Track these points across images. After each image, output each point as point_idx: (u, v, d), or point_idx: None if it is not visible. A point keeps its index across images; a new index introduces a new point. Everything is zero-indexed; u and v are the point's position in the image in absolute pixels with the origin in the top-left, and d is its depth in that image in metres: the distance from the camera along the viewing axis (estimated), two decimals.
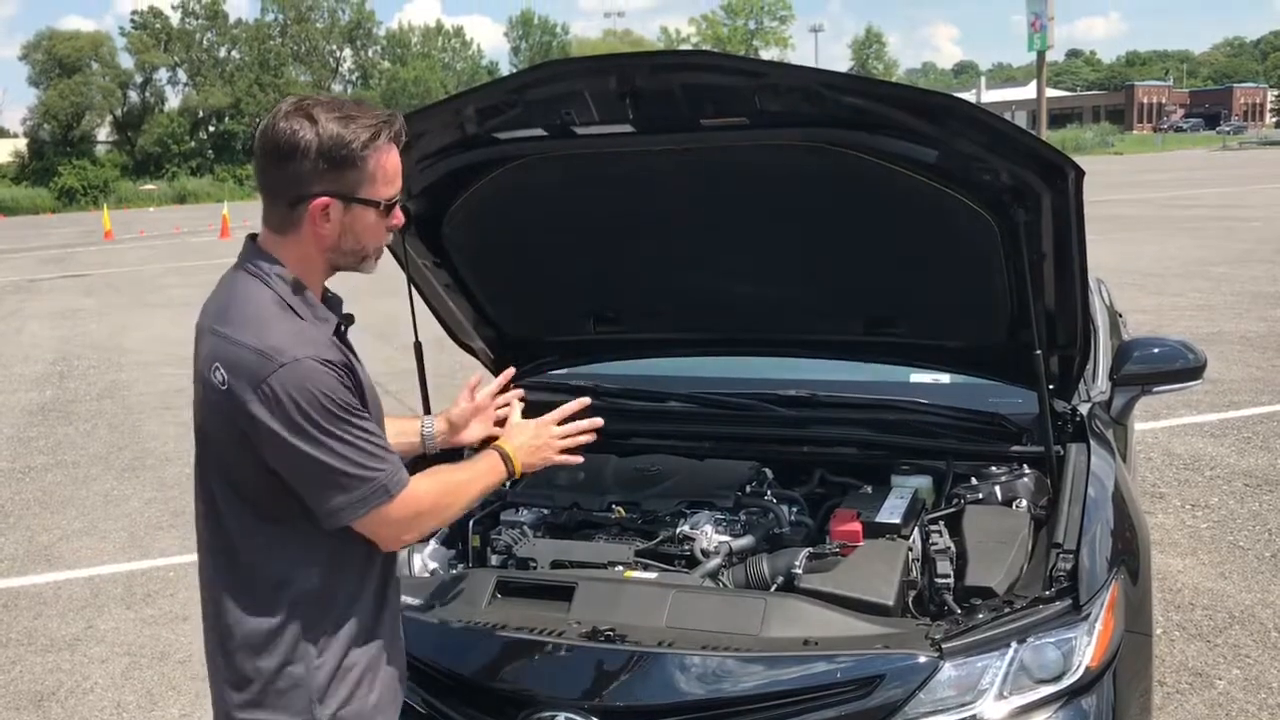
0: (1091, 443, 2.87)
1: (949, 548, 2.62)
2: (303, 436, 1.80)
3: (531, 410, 3.63)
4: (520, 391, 2.55)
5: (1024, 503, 2.81)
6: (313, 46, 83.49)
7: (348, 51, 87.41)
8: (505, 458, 2.17)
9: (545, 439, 2.25)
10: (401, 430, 2.39)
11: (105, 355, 12.71)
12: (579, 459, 2.30)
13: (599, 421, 2.33)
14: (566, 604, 2.43)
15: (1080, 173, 2.45)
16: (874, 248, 2.97)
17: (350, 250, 1.94)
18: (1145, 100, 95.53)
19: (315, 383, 1.82)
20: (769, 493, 2.97)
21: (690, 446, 3.27)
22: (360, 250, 1.95)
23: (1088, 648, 2.24)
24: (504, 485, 2.22)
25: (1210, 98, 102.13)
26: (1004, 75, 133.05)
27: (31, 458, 8.24)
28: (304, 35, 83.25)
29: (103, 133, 79.71)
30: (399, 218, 1.98)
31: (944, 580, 2.52)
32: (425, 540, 2.88)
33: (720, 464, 3.13)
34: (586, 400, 2.39)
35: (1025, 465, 2.94)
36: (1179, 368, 3.45)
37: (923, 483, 2.96)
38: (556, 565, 2.71)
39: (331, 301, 2.01)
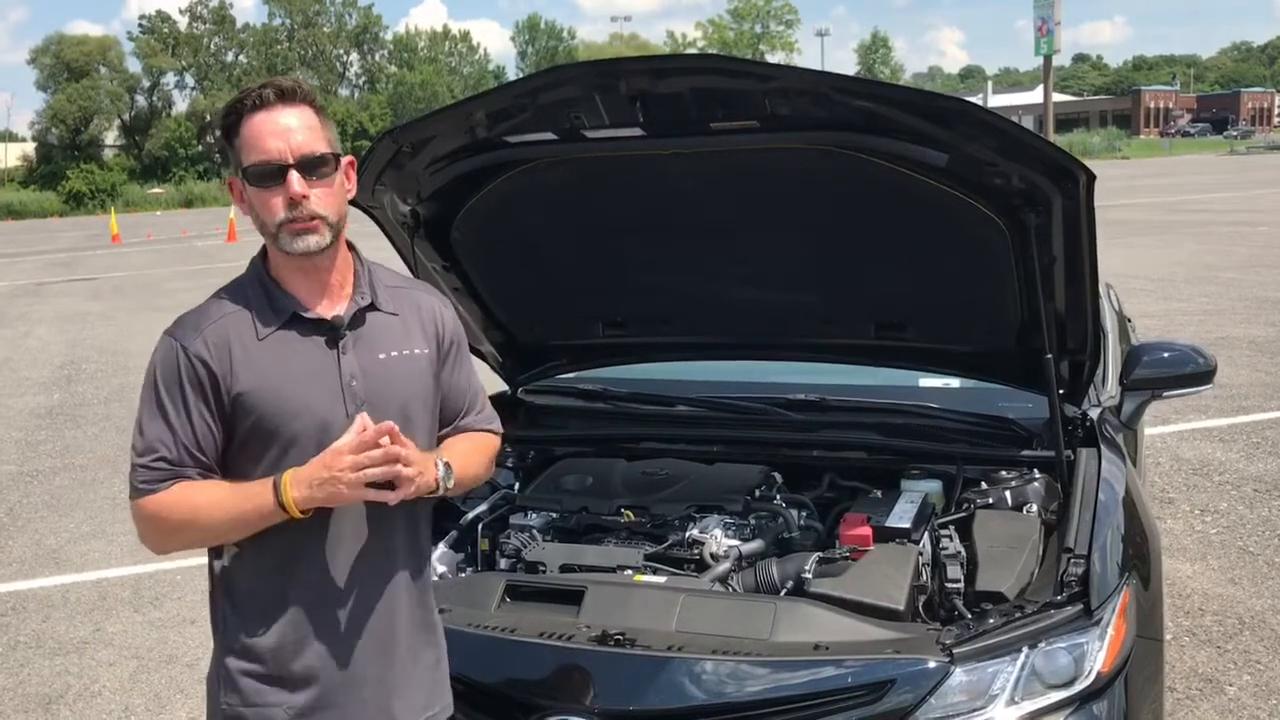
0: (1102, 447, 2.86)
1: (959, 552, 2.61)
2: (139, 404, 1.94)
3: (539, 413, 3.68)
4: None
5: (1034, 507, 2.80)
6: (320, 51, 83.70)
7: (354, 56, 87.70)
8: (276, 485, 1.83)
9: (334, 469, 1.80)
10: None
11: (113, 359, 12.73)
12: (389, 497, 1.83)
13: (399, 451, 1.81)
14: (576, 608, 2.42)
15: (1091, 177, 2.45)
16: (884, 252, 2.97)
17: (261, 227, 1.93)
18: (1152, 105, 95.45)
19: (156, 356, 1.93)
20: (778, 497, 2.97)
21: (699, 450, 3.27)
22: (262, 225, 1.92)
23: (1099, 653, 2.23)
24: (289, 516, 1.84)
25: (1217, 103, 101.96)
26: (1010, 80, 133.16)
27: (39, 461, 8.25)
28: (311, 40, 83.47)
29: (110, 137, 79.96)
30: (293, 188, 1.85)
31: (954, 585, 2.51)
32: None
33: (729, 468, 3.13)
34: (390, 425, 1.83)
35: (1035, 470, 2.93)
36: (1189, 372, 3.44)
37: (933, 487, 2.95)
38: (565, 569, 2.71)
39: (290, 299, 1.96)
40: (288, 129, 1.87)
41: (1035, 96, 75.86)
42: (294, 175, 1.86)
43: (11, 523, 6.76)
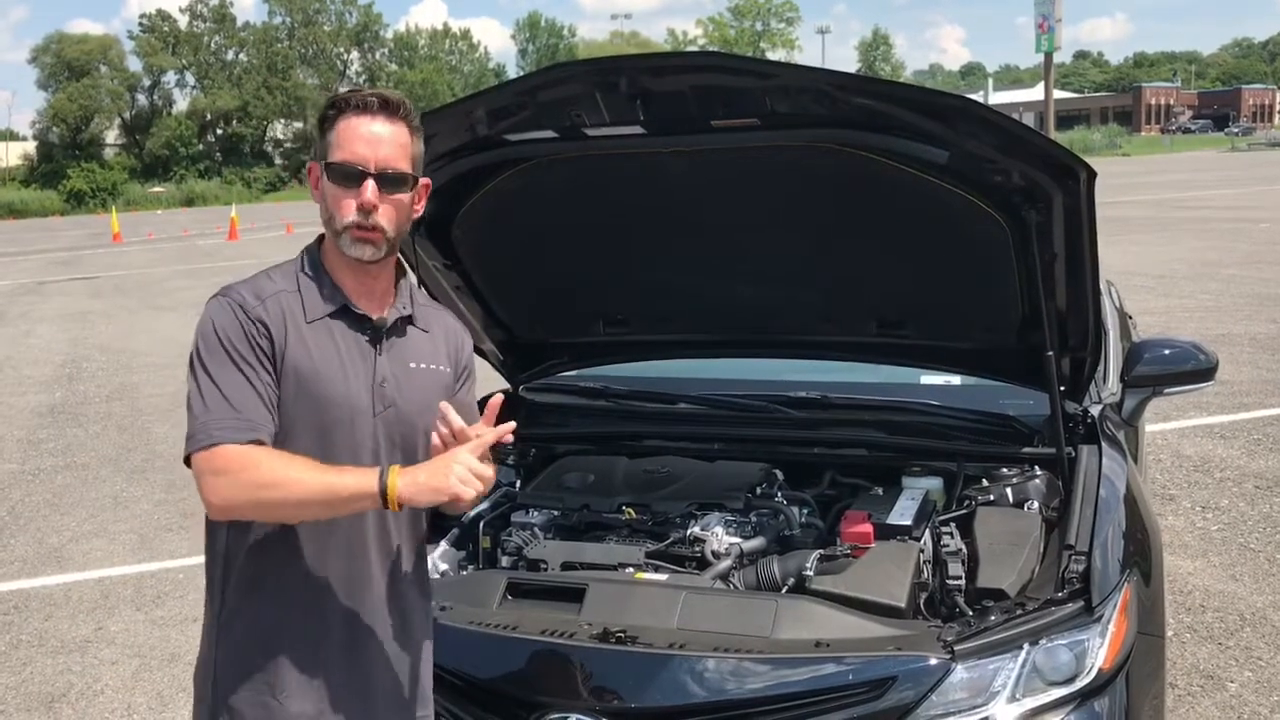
0: (1103, 444, 2.86)
1: (960, 549, 2.61)
2: (190, 361, 1.93)
3: (540, 411, 3.68)
4: (510, 426, 1.98)
5: (1035, 504, 2.80)
6: (320, 49, 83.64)
7: (355, 54, 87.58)
8: (384, 486, 1.80)
9: (446, 471, 1.82)
10: None
11: (114, 357, 12.74)
12: (470, 495, 1.83)
13: (489, 473, 1.89)
14: (577, 605, 2.42)
15: (1092, 174, 2.44)
16: (885, 249, 2.97)
17: (326, 221, 1.97)
18: (1153, 102, 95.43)
19: (215, 313, 1.93)
20: (779, 494, 2.96)
21: (700, 448, 3.26)
22: (328, 219, 1.96)
23: (1100, 650, 2.23)
24: (385, 508, 1.83)
25: (1218, 99, 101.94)
26: (1011, 77, 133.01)
27: (41, 459, 8.26)
28: (311, 38, 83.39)
29: (111, 135, 79.96)
30: (366, 195, 1.90)
31: (956, 582, 2.51)
32: (433, 540, 2.87)
33: (731, 465, 3.13)
34: (510, 427, 1.93)
35: (1037, 467, 2.93)
36: (1190, 369, 3.43)
37: (934, 484, 2.95)
38: (567, 567, 2.71)
39: (340, 292, 1.99)
40: (379, 139, 1.93)
41: (1036, 93, 75.77)
42: (370, 184, 1.91)
43: (13, 521, 6.77)
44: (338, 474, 1.83)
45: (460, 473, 1.80)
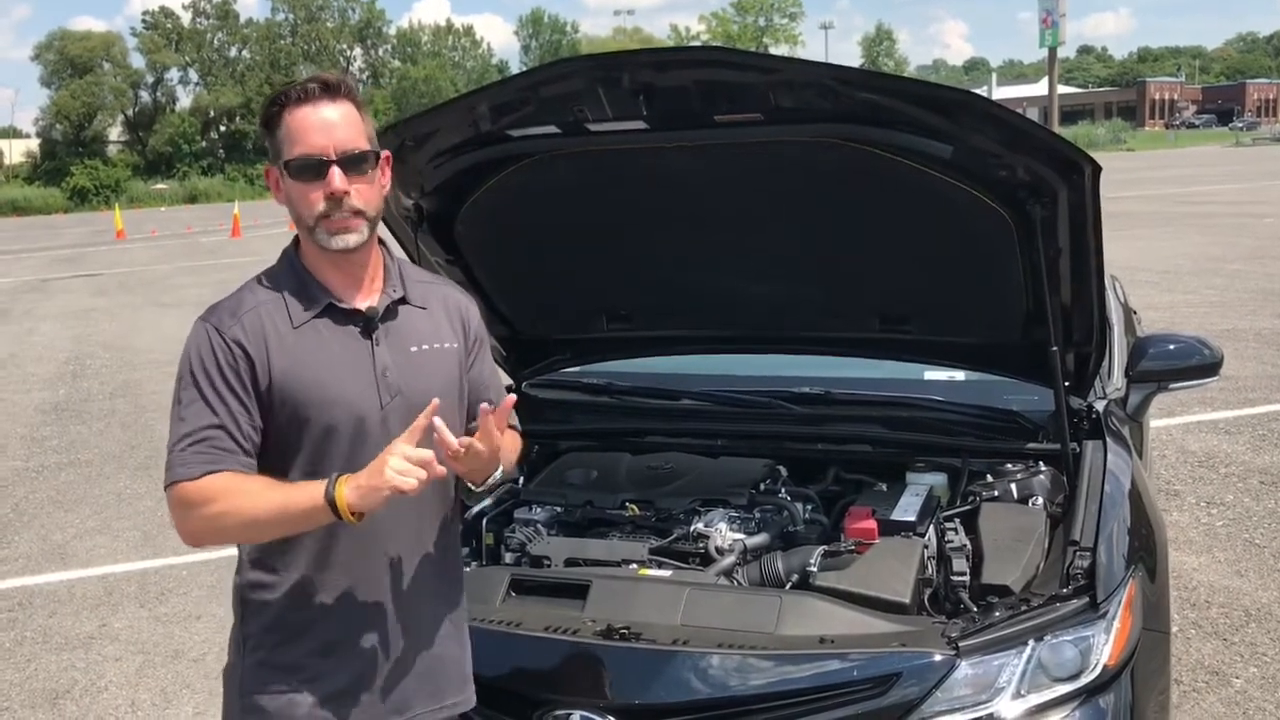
0: (1108, 440, 2.86)
1: (965, 545, 2.60)
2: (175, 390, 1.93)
3: (543, 408, 3.67)
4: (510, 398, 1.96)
5: (1040, 500, 2.80)
6: (323, 46, 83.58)
7: (358, 51, 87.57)
8: (332, 497, 1.77)
9: (382, 466, 1.77)
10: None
11: (118, 354, 12.75)
12: (410, 485, 1.76)
13: (428, 454, 1.78)
14: (581, 602, 2.42)
15: (1097, 168, 2.44)
16: (889, 244, 2.96)
17: (297, 219, 1.95)
18: (1157, 97, 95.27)
19: (191, 341, 1.92)
20: (783, 490, 2.96)
21: (704, 444, 3.26)
22: (299, 218, 1.93)
23: (1105, 646, 2.23)
24: (340, 519, 1.79)
25: (1223, 94, 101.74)
26: (1015, 72, 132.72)
27: (45, 457, 8.27)
28: (314, 35, 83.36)
29: (114, 133, 79.98)
30: (335, 184, 1.87)
31: (960, 578, 2.51)
32: None
33: (734, 462, 3.13)
34: (434, 402, 1.84)
35: (1041, 462, 2.93)
36: (1195, 364, 3.42)
37: (938, 480, 2.95)
38: (570, 563, 2.71)
39: (324, 290, 1.97)
40: (332, 124, 1.89)
41: (1040, 89, 75.56)
42: (335, 171, 1.88)
43: (17, 518, 6.77)
44: (288, 492, 1.82)
45: (397, 465, 1.75)
